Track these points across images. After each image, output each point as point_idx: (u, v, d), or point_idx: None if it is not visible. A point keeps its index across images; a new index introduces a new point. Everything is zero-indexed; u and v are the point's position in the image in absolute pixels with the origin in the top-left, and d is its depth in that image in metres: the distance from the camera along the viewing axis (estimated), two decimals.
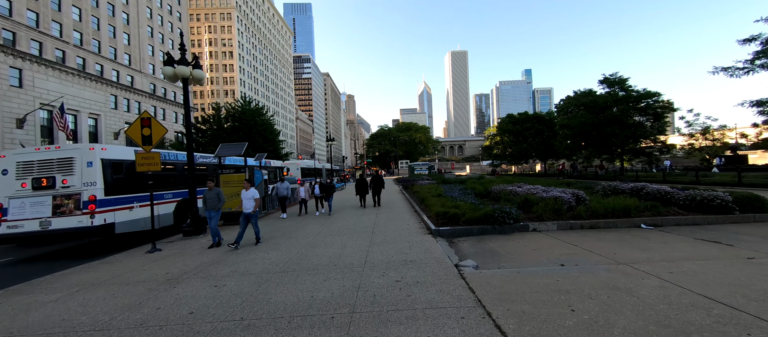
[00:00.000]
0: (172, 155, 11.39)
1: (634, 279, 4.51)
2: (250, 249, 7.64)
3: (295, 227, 10.58)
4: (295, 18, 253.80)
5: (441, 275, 5.05)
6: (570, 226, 8.10)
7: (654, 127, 25.13)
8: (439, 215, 9.44)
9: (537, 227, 8.12)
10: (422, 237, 7.99)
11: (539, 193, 10.36)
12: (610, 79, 27.41)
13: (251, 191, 7.98)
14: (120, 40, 49.91)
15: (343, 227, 10.03)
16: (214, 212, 8.14)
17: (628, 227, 8.06)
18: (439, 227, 8.41)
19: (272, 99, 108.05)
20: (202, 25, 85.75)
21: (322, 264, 6.05)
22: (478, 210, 8.77)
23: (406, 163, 79.98)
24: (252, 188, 8.08)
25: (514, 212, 8.20)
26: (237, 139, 38.38)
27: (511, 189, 12.10)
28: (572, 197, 9.27)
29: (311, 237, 8.73)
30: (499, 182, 17.20)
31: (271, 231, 10.03)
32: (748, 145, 45.77)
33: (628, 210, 8.34)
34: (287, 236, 9.15)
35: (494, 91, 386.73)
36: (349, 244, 7.64)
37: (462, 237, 7.92)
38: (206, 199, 8.21)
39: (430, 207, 11.02)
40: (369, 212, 13.49)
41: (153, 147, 8.07)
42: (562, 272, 4.92)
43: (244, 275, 5.60)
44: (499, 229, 8.01)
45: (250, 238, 8.53)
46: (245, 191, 8.02)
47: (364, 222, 10.82)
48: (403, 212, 13.02)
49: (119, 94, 48.68)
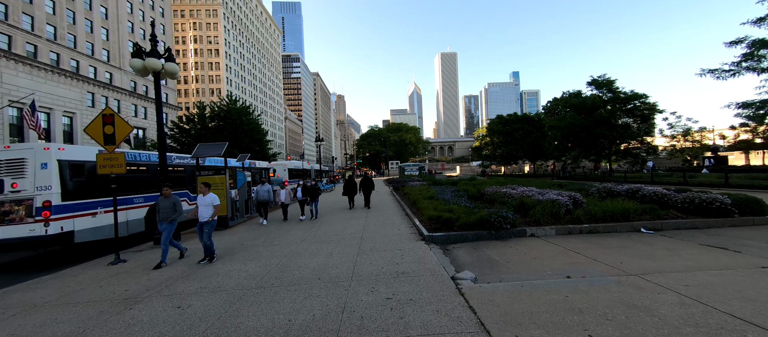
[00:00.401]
0: (143, 156, 10.53)
1: (650, 294, 4.08)
2: (227, 259, 6.95)
3: (278, 233, 9.88)
4: (284, 17, 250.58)
5: (437, 291, 4.52)
6: (569, 230, 7.71)
7: (641, 128, 25.45)
8: (432, 220, 8.94)
9: (535, 232, 7.70)
10: (415, 244, 7.45)
11: (535, 195, 9.99)
12: (598, 81, 27.65)
13: (210, 196, 6.99)
14: (98, 35, 47.77)
15: (329, 233, 9.40)
16: (167, 224, 6.77)
17: (628, 232, 7.73)
18: (432, 232, 7.89)
19: (260, 98, 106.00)
20: (186, 21, 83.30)
21: (305, 277, 5.43)
22: (472, 214, 8.30)
23: (397, 163, 79.57)
24: (211, 193, 7.10)
25: (511, 216, 7.76)
26: (222, 140, 37.14)
27: (504, 191, 11.72)
28: (569, 200, 8.91)
29: (295, 245, 8.08)
30: (491, 183, 16.87)
31: (252, 238, 9.31)
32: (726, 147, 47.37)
33: (628, 214, 8.03)
34: (269, 243, 8.46)
35: (483, 92, 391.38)
36: (336, 252, 7.04)
37: (457, 244, 7.43)
38: (159, 208, 6.82)
39: (423, 210, 10.52)
40: (358, 214, 12.89)
41: (117, 147, 7.27)
42: (570, 286, 4.46)
43: (215, 292, 4.94)
44: (496, 234, 7.56)
45: (229, 247, 7.83)
46: (202, 196, 6.96)
47: (352, 227, 10.22)
48: (394, 215, 12.48)
49: (97, 91, 46.57)
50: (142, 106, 54.81)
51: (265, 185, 12.12)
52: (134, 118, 52.10)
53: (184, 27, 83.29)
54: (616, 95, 25.87)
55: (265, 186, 12.06)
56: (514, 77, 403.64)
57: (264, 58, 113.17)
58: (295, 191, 12.71)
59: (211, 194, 7.07)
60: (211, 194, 7.07)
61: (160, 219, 6.80)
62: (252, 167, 18.54)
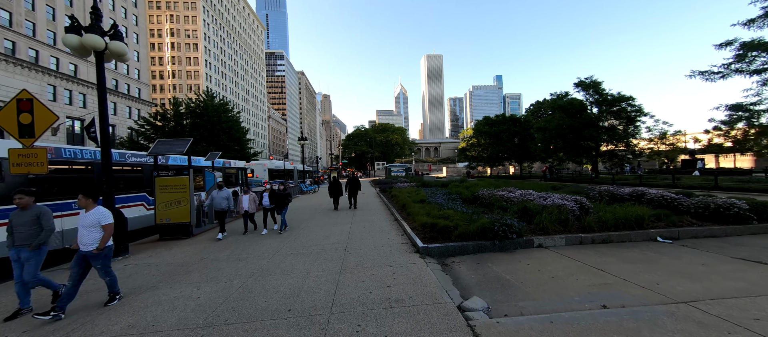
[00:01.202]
0: (86, 153, 8.93)
1: (720, 334, 3.15)
2: (177, 282, 5.62)
3: (248, 244, 8.54)
4: (269, 14, 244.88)
5: (443, 330, 3.43)
6: (580, 240, 6.83)
7: (627, 130, 25.53)
8: (426, 227, 7.89)
9: (543, 242, 6.78)
10: (408, 258, 6.36)
11: (536, 199, 9.13)
12: (585, 83, 27.60)
13: (96, 212, 4.52)
14: (61, 23, 44.22)
15: (309, 243, 8.17)
16: (29, 252, 4.35)
17: (643, 241, 6.94)
18: (427, 243, 6.83)
19: (242, 96, 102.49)
20: (162, 13, 79.24)
21: (271, 308, 4.23)
22: (472, 222, 7.30)
23: (383, 164, 78.53)
24: (99, 208, 4.60)
25: (517, 224, 6.81)
26: (197, 137, 34.91)
27: (501, 194, 10.83)
28: (575, 205, 8.08)
29: (266, 259, 6.81)
30: (484, 185, 16.05)
31: (215, 250, 7.93)
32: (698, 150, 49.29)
33: (641, 220, 7.25)
34: (235, 257, 7.15)
35: (468, 95, 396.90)
36: (314, 270, 5.84)
37: (456, 257, 6.39)
38: (12, 227, 4.41)
39: (414, 216, 9.45)
40: (343, 219, 11.70)
41: (36, 140, 5.79)
42: (613, 322, 3.47)
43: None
44: (500, 245, 6.58)
45: (185, 262, 6.44)
46: (84, 213, 4.54)
47: (336, 235, 9.03)
48: (382, 220, 11.35)
49: (59, 84, 43.09)
50: (112, 101, 51.33)
51: (223, 190, 9.85)
52: None
53: (160, 19, 79.24)
54: (604, 97, 25.82)
55: (223, 191, 9.81)
56: (498, 81, 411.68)
57: (246, 54, 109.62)
58: (261, 196, 10.38)
59: (99, 211, 4.55)
60: (99, 211, 4.55)
61: (15, 243, 4.38)
62: (227, 167, 16.96)
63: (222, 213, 9.59)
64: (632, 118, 25.04)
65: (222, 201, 9.70)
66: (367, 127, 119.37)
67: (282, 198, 10.02)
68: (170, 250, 8.11)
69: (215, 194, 9.77)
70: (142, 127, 36.78)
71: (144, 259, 7.30)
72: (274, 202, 10.03)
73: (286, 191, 10.24)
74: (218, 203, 9.66)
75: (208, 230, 10.88)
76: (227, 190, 9.94)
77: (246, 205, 9.90)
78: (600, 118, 27.53)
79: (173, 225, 9.50)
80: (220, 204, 9.65)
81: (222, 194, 9.78)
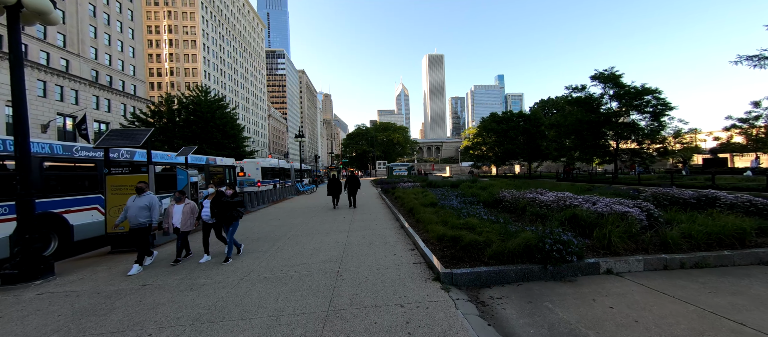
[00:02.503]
0: (9, 144, 7.10)
1: None
2: (82, 331, 3.76)
3: (208, 265, 6.66)
4: (269, 13, 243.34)
5: None
6: (664, 263, 4.92)
7: (652, 127, 23.46)
8: (444, 241, 6.01)
9: (612, 266, 4.87)
10: (424, 289, 4.47)
11: (582, 204, 7.21)
12: (603, 75, 25.49)
13: None
14: None
15: (291, 261, 6.28)
16: None
17: (749, 264, 5.02)
18: (451, 267, 4.94)
19: (242, 94, 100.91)
20: (160, 9, 77.68)
21: None
22: (509, 235, 5.42)
23: (384, 164, 76.60)
24: None
25: (575, 242, 4.90)
26: (191, 134, 33.19)
27: (531, 197, 8.91)
28: (641, 213, 6.15)
29: (227, 288, 4.94)
30: (500, 185, 14.11)
31: (166, 274, 6.06)
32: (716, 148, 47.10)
33: (743, 236, 5.32)
34: (186, 285, 5.27)
35: (469, 94, 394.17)
36: (289, 311, 3.96)
37: (494, 288, 4.51)
38: None
39: (426, 224, 7.56)
40: (339, 223, 9.82)
41: None
42: None
43: None
44: (554, 271, 4.69)
45: (115, 292, 4.59)
46: None
47: (328, 248, 7.14)
48: (386, 227, 9.46)
49: (50, 80, 41.50)
50: (106, 97, 49.75)
51: (144, 196, 6.42)
52: (96, 110, 47.10)
53: (158, 15, 77.69)
54: (626, 90, 23.73)
55: (144, 197, 6.40)
56: (499, 80, 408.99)
57: (246, 52, 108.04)
58: (200, 207, 6.91)
59: None
60: None
61: None
62: (211, 164, 15.10)
63: (140, 231, 6.25)
64: (658, 113, 22.97)
65: (139, 213, 6.24)
66: (368, 126, 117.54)
67: (228, 209, 6.48)
68: (112, 270, 6.24)
69: (131, 202, 6.36)
70: (132, 124, 35.09)
71: (68, 284, 5.45)
72: (219, 215, 6.56)
73: (235, 199, 6.69)
74: (133, 216, 6.24)
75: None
76: (150, 196, 6.54)
77: (177, 219, 6.61)
78: (619, 113, 25.50)
79: (128, 235, 7.64)
80: (135, 218, 6.24)
81: (140, 202, 6.31)
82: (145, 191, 6.51)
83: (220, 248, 7.20)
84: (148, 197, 6.46)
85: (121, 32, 54.91)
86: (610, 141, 25.95)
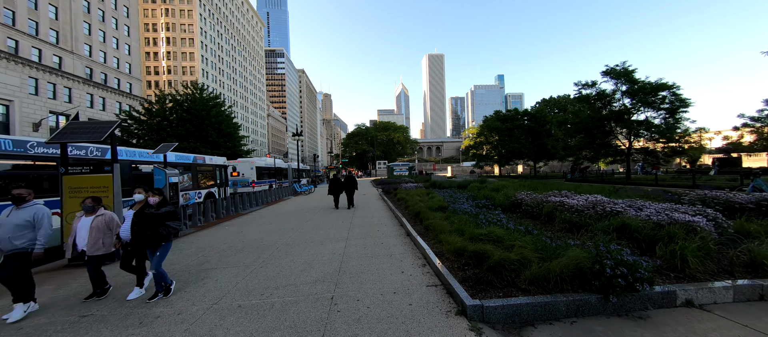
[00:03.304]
0: None
1: None
2: None
3: (177, 290, 5.51)
4: (269, 12, 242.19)
5: None
6: (761, 293, 3.77)
7: (668, 125, 22.29)
8: (464, 257, 4.86)
9: (693, 295, 3.71)
10: (446, 330, 3.31)
11: (626, 210, 6.04)
12: (615, 70, 24.32)
13: None
14: (44, 13, 41.55)
15: (276, 281, 5.12)
16: None
17: None
18: (478, 296, 3.79)
19: (241, 93, 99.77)
20: (158, 6, 76.56)
21: None
22: (550, 252, 4.26)
23: (385, 163, 75.41)
24: None
25: (643, 263, 3.74)
26: (185, 133, 32.05)
27: (557, 201, 7.74)
28: (709, 223, 4.99)
29: (188, 323, 3.78)
30: (513, 187, 12.95)
31: (115, 299, 4.91)
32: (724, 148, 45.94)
33: None
34: (137, 317, 4.12)
35: (469, 94, 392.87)
36: None
37: (539, 325, 3.36)
38: None
39: (439, 234, 6.40)
40: (337, 229, 8.67)
41: None
42: None
43: None
44: (617, 304, 3.53)
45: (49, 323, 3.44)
46: None
47: (322, 262, 5.98)
48: (389, 235, 8.29)
49: (42, 77, 40.37)
50: (100, 96, 48.64)
51: (25, 208, 4.28)
52: (90, 109, 45.95)
53: (155, 13, 76.60)
54: (640, 86, 22.56)
55: (25, 210, 4.27)
56: (500, 80, 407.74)
57: (245, 51, 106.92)
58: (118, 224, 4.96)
59: None
60: None
61: None
62: (199, 163, 13.95)
63: (17, 257, 4.12)
64: (674, 110, 21.81)
65: (14, 232, 4.13)
66: (368, 126, 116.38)
67: (155, 224, 4.47)
68: (57, 291, 5.09)
69: (3, 221, 4.20)
70: (124, 122, 33.94)
71: None
72: (140, 235, 4.54)
73: (163, 210, 4.59)
74: (6, 238, 4.10)
75: None
76: (36, 207, 4.37)
77: (82, 240, 4.70)
78: (631, 110, 24.35)
79: None
80: (9, 241, 4.11)
81: (17, 217, 4.20)
82: (27, 199, 4.35)
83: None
84: (31, 210, 4.30)
85: (116, 29, 53.81)
86: (623, 139, 24.78)
